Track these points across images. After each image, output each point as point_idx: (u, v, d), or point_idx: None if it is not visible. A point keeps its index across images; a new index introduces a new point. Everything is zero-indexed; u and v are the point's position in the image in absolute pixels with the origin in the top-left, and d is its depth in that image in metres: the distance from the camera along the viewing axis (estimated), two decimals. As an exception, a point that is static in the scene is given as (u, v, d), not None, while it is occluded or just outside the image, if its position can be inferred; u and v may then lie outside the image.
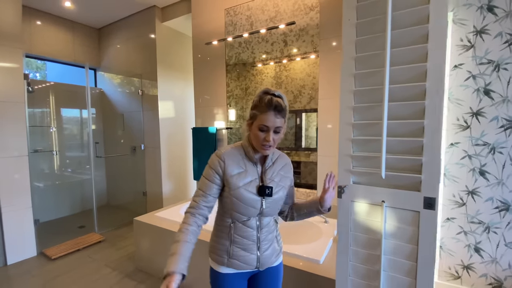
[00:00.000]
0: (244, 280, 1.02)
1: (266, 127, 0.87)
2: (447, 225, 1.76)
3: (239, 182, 0.91)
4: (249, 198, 0.91)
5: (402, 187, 0.89)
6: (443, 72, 0.81)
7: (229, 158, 0.93)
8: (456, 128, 1.70)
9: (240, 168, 0.93)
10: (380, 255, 0.92)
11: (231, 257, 0.95)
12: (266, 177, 0.96)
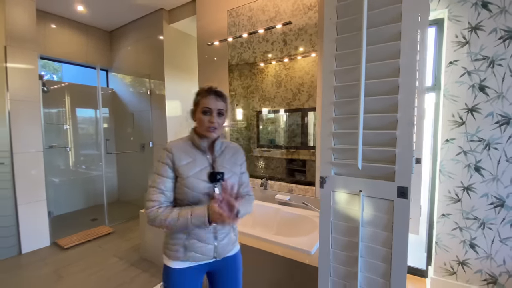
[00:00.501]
0: (202, 273, 1.04)
1: (209, 109, 0.96)
2: (443, 221, 1.77)
3: (188, 171, 0.94)
4: (200, 186, 0.94)
5: (377, 177, 0.94)
6: (415, 68, 0.85)
7: (176, 149, 0.96)
8: (452, 124, 1.71)
9: (189, 158, 0.96)
10: (358, 242, 0.97)
11: (187, 249, 0.96)
12: (216, 164, 1.00)
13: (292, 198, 2.28)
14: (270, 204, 2.38)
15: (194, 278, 1.01)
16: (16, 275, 2.05)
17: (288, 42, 2.31)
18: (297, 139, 2.37)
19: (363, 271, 0.98)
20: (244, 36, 2.49)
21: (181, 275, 0.98)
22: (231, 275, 1.09)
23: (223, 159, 1.04)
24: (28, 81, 2.37)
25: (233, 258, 1.09)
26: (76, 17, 3.46)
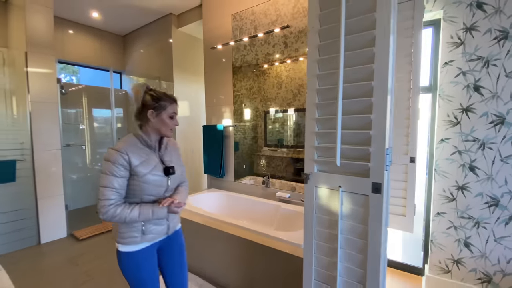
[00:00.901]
0: (155, 251, 1.17)
1: (175, 114, 1.14)
2: (438, 220, 1.79)
3: (144, 169, 1.06)
4: (157, 180, 1.09)
5: (354, 174, 1.01)
6: (387, 72, 0.91)
7: (130, 151, 1.05)
8: (447, 124, 1.73)
9: (141, 157, 1.07)
10: (337, 234, 1.05)
11: (145, 233, 1.09)
12: (165, 159, 1.15)
13: (293, 196, 2.35)
14: (271, 201, 2.46)
15: (151, 255, 1.14)
16: (35, 262, 2.24)
17: (288, 44, 2.38)
18: (298, 138, 2.43)
19: (342, 261, 1.05)
20: (245, 40, 2.58)
21: (142, 255, 1.11)
22: (178, 248, 1.26)
23: (168, 154, 1.19)
24: (47, 84, 2.57)
25: (179, 232, 1.28)
26: (91, 23, 3.68)
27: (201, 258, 2.03)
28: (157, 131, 1.13)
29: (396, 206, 1.79)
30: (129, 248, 1.09)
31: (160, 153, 1.16)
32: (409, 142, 1.73)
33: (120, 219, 1.02)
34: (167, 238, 1.21)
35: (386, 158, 0.94)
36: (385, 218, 0.98)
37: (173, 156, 1.20)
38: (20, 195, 2.49)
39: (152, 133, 1.13)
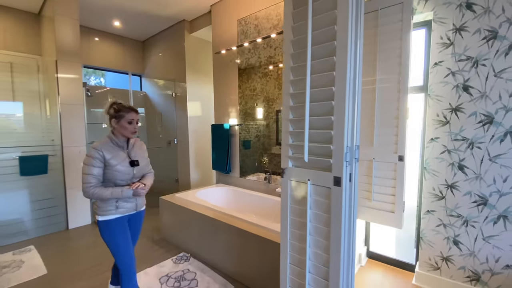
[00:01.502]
0: (126, 221, 1.52)
1: (133, 120, 1.45)
2: (427, 217, 1.83)
3: (114, 162, 1.41)
4: (125, 170, 1.44)
5: (320, 168, 1.12)
6: (345, 78, 1.02)
7: (104, 148, 1.41)
8: (436, 124, 1.76)
9: (112, 153, 1.43)
10: (306, 222, 1.17)
11: (118, 208, 1.45)
12: (131, 155, 1.51)
13: None
14: (270, 197, 2.60)
15: (123, 223, 1.51)
16: (63, 245, 2.57)
17: (288, 47, 2.49)
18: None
19: (311, 247, 1.18)
20: (245, 45, 2.74)
21: (117, 222, 1.47)
22: (139, 222, 1.67)
23: (134, 151, 1.54)
24: (74, 88, 2.91)
25: (143, 212, 1.67)
26: (114, 31, 4.03)
27: (201, 245, 2.23)
28: (121, 134, 1.47)
29: (385, 203, 1.86)
30: (106, 218, 1.44)
31: (128, 150, 1.51)
32: (398, 141, 1.79)
33: (98, 197, 1.38)
34: (136, 213, 1.59)
35: (346, 155, 1.05)
36: (346, 208, 1.09)
37: (137, 152, 1.56)
38: (51, 186, 2.85)
39: (119, 136, 1.47)
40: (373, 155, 1.92)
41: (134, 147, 1.55)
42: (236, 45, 2.85)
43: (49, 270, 2.10)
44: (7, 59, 2.89)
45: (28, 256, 2.31)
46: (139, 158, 1.53)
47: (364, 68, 1.93)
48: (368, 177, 1.95)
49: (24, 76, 2.98)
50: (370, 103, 1.91)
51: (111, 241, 1.45)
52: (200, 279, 1.95)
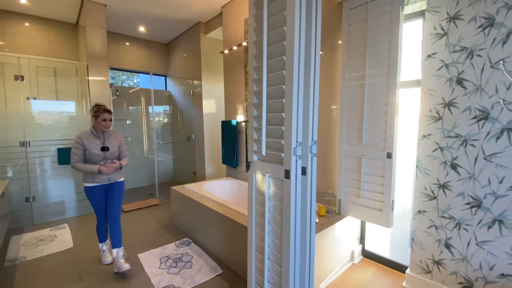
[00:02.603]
0: (104, 189, 2.05)
1: (106, 119, 1.96)
2: (419, 218, 1.75)
3: (90, 146, 1.94)
4: (97, 153, 1.96)
5: (276, 162, 1.18)
6: (293, 77, 1.06)
7: (83, 137, 1.95)
8: (429, 120, 1.67)
9: (90, 140, 1.95)
10: (265, 211, 1.25)
11: (94, 178, 1.99)
12: (105, 142, 2.00)
13: None
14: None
15: (100, 190, 2.05)
16: (90, 225, 2.97)
17: (288, 44, 2.52)
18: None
19: (269, 235, 1.26)
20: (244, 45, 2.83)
21: (94, 188, 2.02)
22: (118, 192, 2.11)
23: (109, 140, 2.04)
24: (102, 89, 3.30)
25: (120, 183, 2.14)
26: (140, 35, 4.42)
27: (201, 232, 2.40)
28: (98, 128, 1.99)
29: (374, 201, 1.83)
30: (87, 185, 2.02)
31: (103, 139, 2.02)
32: (386, 138, 1.74)
33: (78, 168, 1.93)
34: (110, 184, 2.08)
35: (296, 149, 1.10)
36: (298, 199, 1.14)
37: (111, 141, 2.05)
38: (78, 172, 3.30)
39: (97, 129, 2.00)
40: (362, 152, 1.88)
41: (110, 137, 2.06)
42: (237, 44, 2.95)
43: (75, 244, 2.48)
44: (51, 65, 3.40)
45: (61, 232, 2.74)
46: (111, 146, 2.03)
47: (353, 64, 1.90)
48: (357, 174, 1.93)
49: (65, 79, 3.46)
50: (360, 99, 1.87)
51: (90, 201, 2.06)
52: (195, 262, 2.13)
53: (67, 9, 3.35)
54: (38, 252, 2.30)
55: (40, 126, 3.13)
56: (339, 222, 1.95)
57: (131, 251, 2.33)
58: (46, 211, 3.09)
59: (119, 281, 1.89)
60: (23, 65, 3.12)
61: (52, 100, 3.37)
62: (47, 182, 3.11)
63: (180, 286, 1.81)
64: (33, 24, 3.50)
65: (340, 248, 2.00)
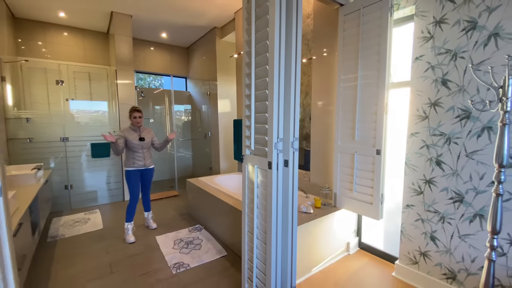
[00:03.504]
0: (139, 173, 2.62)
1: (136, 116, 2.54)
2: (407, 212, 1.84)
3: (130, 138, 2.50)
4: (136, 142, 2.53)
5: (261, 155, 1.38)
6: (273, 83, 1.25)
7: (125, 130, 2.53)
8: (416, 119, 1.76)
9: (129, 133, 2.52)
10: (254, 198, 1.45)
11: (134, 164, 2.54)
12: (141, 134, 2.56)
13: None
14: (275, 185, 2.86)
15: (136, 174, 2.60)
16: (118, 211, 3.38)
17: (293, 47, 2.68)
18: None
19: (259, 218, 1.46)
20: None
21: (133, 172, 2.57)
22: (150, 175, 2.73)
23: (144, 133, 2.61)
24: (128, 91, 3.70)
25: (151, 168, 2.73)
26: (163, 41, 4.80)
27: (211, 219, 2.66)
28: (133, 124, 2.56)
29: (365, 195, 1.96)
30: (128, 168, 2.57)
31: (139, 132, 2.59)
32: (376, 136, 1.86)
33: (116, 150, 2.43)
34: (144, 169, 2.66)
35: (277, 144, 1.29)
36: (280, 187, 1.33)
37: (145, 134, 2.62)
38: (113, 166, 3.73)
39: (133, 124, 2.57)
40: (355, 149, 2.01)
41: (144, 131, 2.64)
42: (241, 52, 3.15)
43: (104, 226, 2.87)
44: (86, 70, 3.85)
45: (94, 216, 3.16)
46: (145, 137, 2.61)
47: (347, 66, 2.02)
48: (351, 169, 2.06)
49: (97, 82, 3.91)
50: (353, 99, 2.00)
51: (128, 182, 2.59)
52: (204, 245, 2.39)
53: (99, 20, 3.78)
54: (74, 231, 2.71)
55: (77, 124, 3.59)
56: (332, 214, 2.10)
57: (151, 234, 2.66)
58: (81, 198, 3.55)
59: (138, 256, 2.20)
60: (63, 71, 3.60)
61: (87, 101, 3.84)
62: (83, 173, 3.58)
63: (189, 263, 2.08)
64: (71, 34, 4.00)
65: (335, 238, 2.15)
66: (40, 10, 3.42)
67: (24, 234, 1.68)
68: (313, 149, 2.55)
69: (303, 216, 1.98)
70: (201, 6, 3.40)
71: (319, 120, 2.46)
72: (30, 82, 3.30)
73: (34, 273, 1.95)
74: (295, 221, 1.40)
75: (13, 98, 3.17)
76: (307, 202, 2.24)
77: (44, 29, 3.81)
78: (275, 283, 1.38)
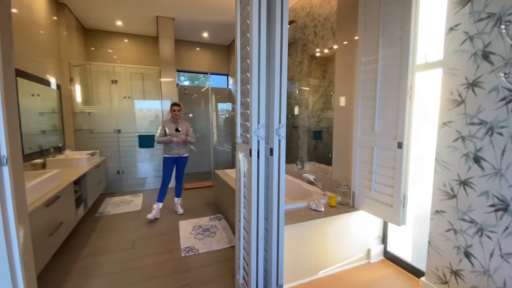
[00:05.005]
0: (173, 160, 3.00)
1: (175, 110, 2.91)
2: (436, 219, 1.51)
3: (168, 128, 2.90)
4: (172, 132, 2.90)
5: (246, 143, 1.33)
6: (252, 65, 1.18)
7: (165, 122, 2.98)
8: (449, 104, 1.42)
9: (169, 124, 2.95)
10: (241, 187, 1.41)
11: (169, 151, 2.94)
12: (178, 126, 2.93)
13: (317, 179, 2.51)
14: (297, 180, 2.73)
15: (171, 160, 2.99)
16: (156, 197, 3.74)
17: (317, 33, 2.50)
18: (322, 123, 2.53)
19: (245, 208, 1.42)
20: None
21: (168, 158, 2.97)
22: (183, 162, 3.06)
23: (180, 125, 2.97)
24: (170, 88, 4.04)
25: (185, 157, 3.08)
26: (205, 40, 5.07)
27: (230, 210, 2.70)
28: (172, 116, 2.95)
29: (385, 195, 1.71)
30: (165, 155, 2.96)
31: (177, 124, 2.95)
32: (398, 126, 1.59)
33: (160, 141, 2.89)
34: (178, 156, 2.99)
35: (257, 131, 1.22)
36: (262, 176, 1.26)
37: (182, 126, 2.97)
38: (156, 156, 4.14)
39: (172, 117, 2.95)
40: (374, 142, 1.76)
41: (181, 124, 3.00)
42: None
43: (142, 207, 3.21)
44: (140, 71, 4.36)
45: (137, 199, 3.58)
46: (181, 128, 2.95)
47: (368, 46, 1.78)
48: (370, 165, 1.81)
49: (149, 82, 4.39)
50: (373, 84, 1.75)
51: (163, 167, 2.98)
52: (218, 234, 2.45)
53: (149, 25, 4.23)
54: (117, 210, 3.13)
55: (130, 118, 4.11)
56: (349, 214, 1.88)
57: (176, 218, 2.86)
58: (130, 182, 4.06)
59: (158, 237, 2.40)
60: (122, 72, 4.15)
61: (140, 100, 4.34)
62: (132, 161, 4.08)
63: (198, 248, 2.16)
64: (128, 40, 4.58)
65: (352, 242, 1.92)
66: (103, 21, 4.02)
67: (62, 206, 2.01)
68: (335, 143, 2.32)
69: (312, 214, 1.83)
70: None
71: (342, 110, 2.22)
72: (97, 82, 3.93)
73: (73, 240, 2.32)
74: (282, 215, 1.30)
75: (81, 95, 3.82)
76: (320, 199, 2.06)
77: (108, 37, 4.47)
78: (256, 278, 1.31)
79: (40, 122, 2.82)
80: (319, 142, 2.59)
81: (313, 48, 2.58)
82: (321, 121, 2.54)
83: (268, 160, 1.28)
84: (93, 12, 3.68)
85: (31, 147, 2.55)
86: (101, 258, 2.02)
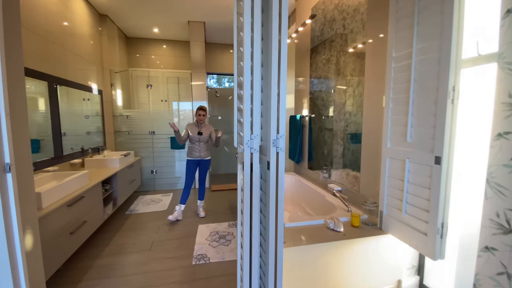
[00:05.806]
0: (196, 163, 3.04)
1: (200, 114, 2.96)
2: (485, 257, 1.17)
3: (191, 131, 2.95)
4: (195, 136, 2.94)
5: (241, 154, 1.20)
6: (244, 68, 1.05)
7: (189, 125, 3.01)
8: (507, 109, 1.08)
9: (192, 128, 2.99)
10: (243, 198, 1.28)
11: (191, 154, 3.01)
12: (201, 129, 2.95)
13: (343, 190, 2.26)
14: (321, 191, 2.49)
15: (193, 163, 3.04)
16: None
17: (346, 26, 2.23)
18: (350, 128, 2.25)
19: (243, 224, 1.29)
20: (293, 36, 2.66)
21: (190, 161, 3.03)
22: (205, 165, 3.08)
23: (203, 129, 3.01)
24: (200, 90, 4.11)
25: (207, 160, 3.09)
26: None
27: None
28: (197, 120, 2.98)
29: (418, 220, 1.43)
30: (188, 158, 3.03)
31: (200, 127, 2.99)
32: (435, 136, 1.30)
33: (180, 139, 2.93)
34: (200, 160, 3.04)
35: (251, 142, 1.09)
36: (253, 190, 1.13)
37: (204, 130, 3.01)
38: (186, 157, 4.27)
39: (196, 121, 2.99)
40: (406, 154, 1.47)
41: (204, 127, 3.03)
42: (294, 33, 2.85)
43: (168, 208, 3.32)
44: (175, 75, 4.55)
45: (166, 198, 3.72)
46: (203, 131, 2.99)
47: (400, 39, 1.50)
48: (401, 182, 1.52)
49: (184, 85, 4.56)
50: (405, 84, 1.46)
51: (186, 170, 3.02)
52: (233, 242, 2.36)
53: (183, 31, 4.37)
54: (146, 209, 3.28)
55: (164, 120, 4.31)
56: (375, 238, 1.60)
57: (196, 221, 2.87)
58: (163, 182, 4.26)
59: (175, 240, 2.42)
60: (160, 77, 4.38)
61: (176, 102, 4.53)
62: (165, 161, 4.27)
63: (210, 257, 2.11)
64: (166, 45, 4.82)
65: (377, 270, 1.64)
66: (142, 28, 4.28)
67: (87, 205, 2.15)
68: (364, 152, 2.04)
69: (329, 234, 1.61)
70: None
71: (372, 114, 1.93)
72: (137, 87, 4.22)
73: (98, 237, 2.48)
74: (281, 235, 1.14)
75: (122, 99, 4.13)
76: (340, 217, 1.81)
77: (149, 44, 4.76)
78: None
79: (85, 125, 3.12)
80: (348, 148, 2.31)
81: (346, 43, 2.31)
82: (351, 124, 2.26)
83: (266, 174, 1.14)
84: (131, 21, 3.95)
85: (73, 147, 2.82)
86: (119, 258, 2.10)
